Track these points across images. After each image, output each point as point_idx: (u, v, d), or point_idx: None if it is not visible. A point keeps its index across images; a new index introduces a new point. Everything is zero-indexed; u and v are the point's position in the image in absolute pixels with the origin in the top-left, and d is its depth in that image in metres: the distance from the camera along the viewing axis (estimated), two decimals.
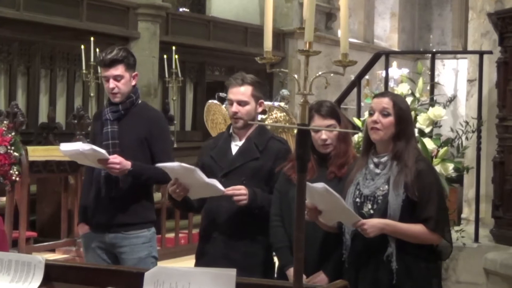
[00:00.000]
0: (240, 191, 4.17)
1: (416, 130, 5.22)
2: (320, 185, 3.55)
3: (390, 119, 3.81)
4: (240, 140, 4.40)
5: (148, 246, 4.74)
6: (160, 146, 4.67)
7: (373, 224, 3.69)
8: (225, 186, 4.14)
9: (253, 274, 4.06)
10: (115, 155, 4.56)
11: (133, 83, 4.77)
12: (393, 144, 3.82)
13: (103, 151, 4.52)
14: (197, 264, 4.39)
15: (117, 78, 4.68)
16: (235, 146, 4.40)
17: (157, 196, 9.29)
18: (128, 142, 4.68)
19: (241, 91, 4.34)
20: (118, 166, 4.53)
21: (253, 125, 4.38)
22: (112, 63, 4.68)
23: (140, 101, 4.84)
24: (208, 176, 4.14)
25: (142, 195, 4.75)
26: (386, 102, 3.83)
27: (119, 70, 4.68)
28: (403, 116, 3.84)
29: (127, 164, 4.56)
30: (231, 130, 4.46)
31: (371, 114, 3.86)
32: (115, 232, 4.69)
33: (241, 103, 4.33)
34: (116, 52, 4.69)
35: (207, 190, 4.13)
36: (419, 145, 4.52)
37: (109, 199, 4.67)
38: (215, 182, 4.09)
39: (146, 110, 4.87)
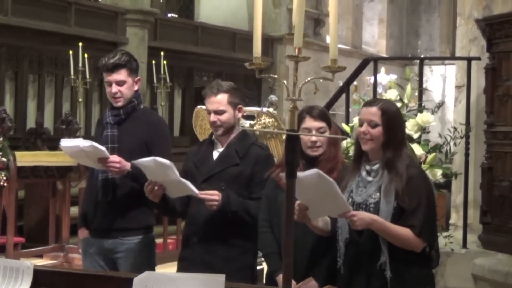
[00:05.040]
0: (212, 197, 4.19)
1: None
2: (313, 171, 3.50)
3: (379, 129, 3.80)
4: (222, 146, 4.44)
5: (146, 252, 4.69)
6: (160, 151, 4.51)
7: (363, 217, 3.67)
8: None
9: (232, 279, 4.06)
10: (115, 155, 4.51)
11: (136, 88, 4.71)
12: (383, 152, 3.81)
13: (103, 148, 4.46)
14: (178, 268, 4.42)
15: (120, 83, 4.62)
16: (216, 152, 4.44)
17: None
18: (127, 146, 4.62)
19: (217, 100, 4.37)
20: (118, 165, 4.47)
21: (235, 131, 4.42)
22: (114, 67, 4.61)
23: (142, 106, 4.80)
24: (191, 182, 4.18)
25: (140, 200, 4.62)
26: (373, 112, 3.82)
27: (122, 75, 4.62)
28: (391, 125, 3.83)
29: (127, 164, 4.49)
30: (213, 137, 4.50)
31: (360, 125, 3.86)
32: (114, 238, 4.64)
33: (218, 112, 4.37)
34: (118, 57, 4.63)
35: (182, 188, 4.16)
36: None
37: (107, 204, 4.62)
38: (188, 182, 4.13)
39: (148, 115, 4.82)
